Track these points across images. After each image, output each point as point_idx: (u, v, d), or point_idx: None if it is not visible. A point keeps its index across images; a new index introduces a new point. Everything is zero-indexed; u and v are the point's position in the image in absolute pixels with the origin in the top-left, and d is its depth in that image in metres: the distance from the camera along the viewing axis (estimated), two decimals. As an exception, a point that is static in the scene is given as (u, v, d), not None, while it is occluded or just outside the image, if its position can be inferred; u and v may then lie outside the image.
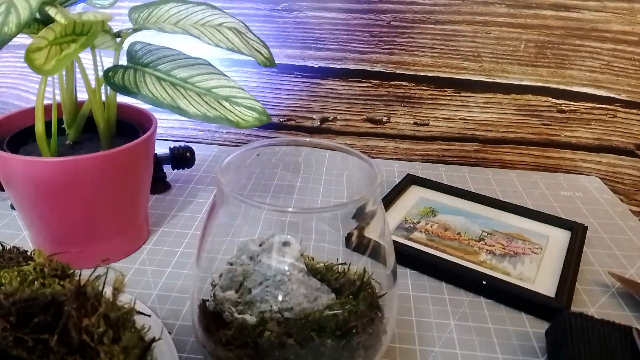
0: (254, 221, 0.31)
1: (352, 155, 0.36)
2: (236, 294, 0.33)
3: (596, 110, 0.72)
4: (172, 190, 0.62)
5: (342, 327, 0.31)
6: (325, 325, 0.31)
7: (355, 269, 0.36)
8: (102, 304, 0.26)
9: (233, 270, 0.33)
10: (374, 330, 0.33)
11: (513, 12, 0.67)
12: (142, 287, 0.45)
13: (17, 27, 0.36)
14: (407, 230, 0.54)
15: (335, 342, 0.30)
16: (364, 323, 0.31)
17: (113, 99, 0.48)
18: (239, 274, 0.33)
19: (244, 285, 0.33)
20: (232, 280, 0.33)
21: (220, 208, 0.32)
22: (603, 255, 0.54)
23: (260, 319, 0.31)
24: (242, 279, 0.33)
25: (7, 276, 0.31)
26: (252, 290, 0.32)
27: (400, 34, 0.70)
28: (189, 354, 0.38)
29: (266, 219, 0.30)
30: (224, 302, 0.33)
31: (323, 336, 0.30)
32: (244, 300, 0.32)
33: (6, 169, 0.42)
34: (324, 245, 0.38)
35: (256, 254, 0.33)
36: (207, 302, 0.34)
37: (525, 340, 0.41)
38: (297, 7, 0.70)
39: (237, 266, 0.33)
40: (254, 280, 0.32)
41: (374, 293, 0.34)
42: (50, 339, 0.25)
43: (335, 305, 0.32)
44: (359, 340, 0.31)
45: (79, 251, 0.44)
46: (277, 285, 0.32)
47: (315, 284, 0.34)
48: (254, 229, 0.33)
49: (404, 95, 0.73)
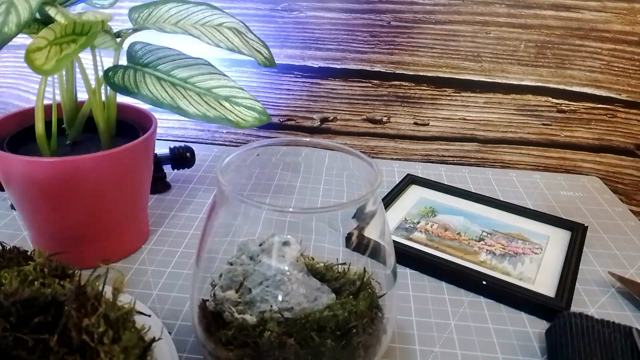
0: (254, 221, 0.31)
1: (352, 156, 0.36)
2: (236, 293, 0.33)
3: (596, 110, 0.72)
4: (172, 190, 0.62)
5: (342, 327, 0.31)
6: (325, 325, 0.31)
7: (355, 269, 0.36)
8: (102, 304, 0.26)
9: (233, 270, 0.33)
10: (374, 330, 0.33)
11: (513, 12, 0.67)
12: (142, 287, 0.45)
13: (17, 27, 0.36)
14: (407, 230, 0.54)
15: (335, 342, 0.30)
16: (364, 323, 0.31)
17: (113, 99, 0.48)
18: (239, 274, 0.33)
19: (244, 285, 0.33)
20: (232, 280, 0.33)
21: (220, 208, 0.32)
22: (603, 255, 0.54)
23: (260, 319, 0.31)
24: (242, 278, 0.33)
25: (7, 276, 0.31)
26: (252, 290, 0.32)
27: (400, 34, 0.70)
28: (189, 354, 0.38)
29: (266, 219, 0.30)
30: (224, 302, 0.33)
31: (323, 336, 0.30)
32: (244, 300, 0.32)
33: (6, 169, 0.42)
34: (324, 245, 0.38)
35: (256, 253, 0.34)
36: (207, 302, 0.34)
37: (525, 340, 0.41)
38: (297, 7, 0.70)
39: (237, 266, 0.33)
40: (254, 280, 0.33)
41: (373, 293, 0.34)
42: (50, 339, 0.25)
43: (335, 305, 0.32)
44: (359, 340, 0.31)
45: (79, 251, 0.44)
46: (277, 285, 0.32)
47: (315, 283, 0.34)
48: (254, 229, 0.33)
49: (404, 95, 0.73)
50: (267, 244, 0.34)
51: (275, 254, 0.33)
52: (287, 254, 0.33)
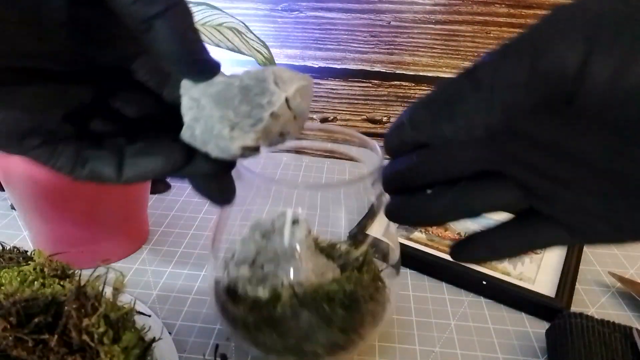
0: (266, 198, 0.33)
1: (354, 146, 0.37)
2: (249, 269, 0.34)
3: (596, 110, 0.72)
4: (172, 190, 0.62)
5: (350, 297, 0.33)
6: (334, 296, 0.33)
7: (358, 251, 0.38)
8: (102, 304, 0.26)
9: (246, 247, 0.35)
10: (379, 299, 0.35)
11: (513, 12, 0.67)
12: (142, 287, 0.45)
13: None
14: (407, 230, 0.54)
15: (344, 311, 0.33)
16: (370, 293, 0.34)
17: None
18: (252, 250, 0.35)
19: (256, 261, 0.34)
20: (246, 257, 0.35)
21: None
22: (603, 255, 0.54)
23: (272, 293, 0.33)
24: (255, 255, 0.34)
25: (7, 276, 0.31)
26: (264, 266, 0.34)
27: (400, 34, 0.70)
28: (189, 354, 0.38)
29: (277, 195, 0.32)
30: (238, 278, 0.34)
31: (333, 306, 0.33)
32: (256, 275, 0.34)
33: (6, 169, 0.42)
34: (334, 221, 0.38)
35: (268, 231, 0.35)
36: (222, 278, 0.36)
37: (525, 340, 0.41)
38: (297, 7, 0.70)
39: (250, 243, 0.35)
40: (266, 256, 0.34)
41: (376, 267, 0.37)
42: (50, 339, 0.25)
43: (341, 278, 0.34)
44: (366, 307, 0.34)
45: (79, 251, 0.44)
46: (287, 261, 0.33)
47: (322, 260, 0.35)
48: (266, 206, 0.35)
49: (404, 95, 0.73)
50: (278, 221, 0.35)
51: (286, 232, 0.34)
52: (297, 231, 0.34)
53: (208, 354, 0.38)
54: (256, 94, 0.22)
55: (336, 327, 0.33)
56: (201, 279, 0.47)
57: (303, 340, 0.33)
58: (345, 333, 0.33)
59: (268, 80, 0.22)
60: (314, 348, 0.33)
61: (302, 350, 0.33)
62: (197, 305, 0.43)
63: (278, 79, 0.22)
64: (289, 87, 0.22)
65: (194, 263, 0.49)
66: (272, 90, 0.22)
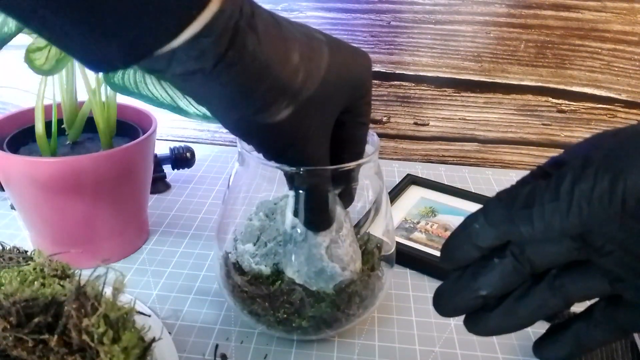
0: (271, 180, 0.36)
1: None
2: (254, 246, 0.37)
3: (596, 110, 0.72)
4: (172, 190, 0.62)
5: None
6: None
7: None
8: (102, 304, 0.26)
9: (252, 225, 0.37)
10: (369, 284, 0.38)
11: (513, 12, 0.67)
12: (142, 287, 0.45)
13: (17, 27, 0.36)
14: (407, 230, 0.54)
15: (334, 292, 0.36)
16: (361, 277, 0.37)
17: (113, 99, 0.48)
18: (257, 228, 0.37)
19: (260, 239, 0.37)
20: (251, 235, 0.37)
21: (240, 168, 0.38)
22: (603, 255, 0.54)
23: (274, 270, 0.36)
24: (259, 233, 0.37)
25: (7, 276, 0.32)
26: (267, 244, 0.36)
27: (400, 34, 0.70)
28: (189, 354, 0.38)
29: (282, 178, 0.34)
30: (243, 254, 0.37)
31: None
32: (260, 252, 0.36)
33: (6, 169, 0.42)
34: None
35: (272, 211, 0.37)
36: (230, 254, 0.39)
37: (525, 340, 0.41)
38: (297, 7, 0.70)
39: (255, 222, 0.37)
40: (269, 234, 0.36)
41: (370, 253, 0.39)
42: (50, 339, 0.25)
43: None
44: (355, 289, 0.36)
45: (79, 251, 0.44)
46: (288, 240, 0.35)
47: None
48: (271, 187, 0.37)
49: (404, 95, 0.73)
50: (281, 202, 0.37)
51: (289, 212, 0.36)
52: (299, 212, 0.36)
53: (208, 354, 0.38)
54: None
55: (325, 304, 0.35)
56: (201, 279, 0.47)
57: (292, 315, 0.36)
58: (333, 310, 0.36)
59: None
60: (302, 323, 0.36)
61: (290, 324, 0.36)
62: (197, 305, 0.43)
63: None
64: None
65: (194, 263, 0.49)
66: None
